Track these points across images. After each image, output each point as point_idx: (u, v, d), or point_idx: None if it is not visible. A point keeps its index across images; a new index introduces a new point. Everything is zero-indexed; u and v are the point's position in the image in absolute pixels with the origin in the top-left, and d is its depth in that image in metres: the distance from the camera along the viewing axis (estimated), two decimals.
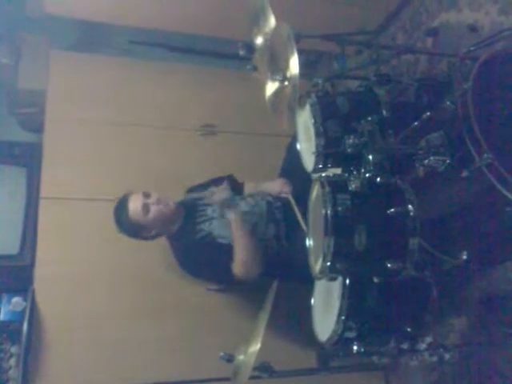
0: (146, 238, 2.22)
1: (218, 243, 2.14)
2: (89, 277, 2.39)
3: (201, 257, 2.14)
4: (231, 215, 2.10)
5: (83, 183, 2.55)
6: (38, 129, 2.72)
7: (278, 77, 1.73)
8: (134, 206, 2.13)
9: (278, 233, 2.20)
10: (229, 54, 2.96)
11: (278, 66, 1.74)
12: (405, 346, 1.69)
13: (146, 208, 2.13)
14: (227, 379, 1.72)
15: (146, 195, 2.16)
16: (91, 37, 2.95)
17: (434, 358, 1.68)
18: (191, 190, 2.40)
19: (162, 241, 2.30)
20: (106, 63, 2.89)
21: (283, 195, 2.27)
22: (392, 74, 2.39)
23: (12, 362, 2.15)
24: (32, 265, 2.37)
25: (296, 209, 2.11)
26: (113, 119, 2.72)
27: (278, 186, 2.33)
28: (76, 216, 2.47)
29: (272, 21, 1.86)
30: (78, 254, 2.42)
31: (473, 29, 2.20)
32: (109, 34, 3.02)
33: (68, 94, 2.68)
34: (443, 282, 1.80)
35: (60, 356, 2.24)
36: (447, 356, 1.67)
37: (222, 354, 1.66)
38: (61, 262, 2.37)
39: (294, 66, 1.63)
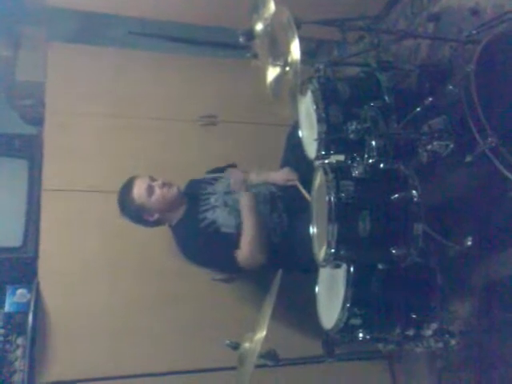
0: (147, 223, 2.22)
1: (222, 232, 2.14)
2: (92, 268, 2.39)
3: (205, 245, 2.14)
4: (244, 196, 2.12)
5: (85, 175, 2.54)
6: (39, 121, 2.71)
7: (279, 62, 1.72)
8: (139, 187, 2.15)
9: (281, 222, 2.20)
10: (228, 43, 2.94)
11: (278, 52, 1.73)
12: (410, 332, 1.69)
13: (150, 189, 2.14)
14: (233, 368, 1.72)
15: (152, 179, 2.18)
16: (90, 28, 2.92)
17: (440, 344, 1.68)
18: (192, 182, 2.39)
19: (166, 232, 2.30)
20: (106, 54, 2.87)
21: (290, 183, 2.27)
22: (393, 60, 2.39)
23: (18, 353, 2.17)
24: (36, 257, 2.37)
25: (306, 193, 2.11)
26: (113, 111, 2.71)
27: (283, 175, 2.32)
28: (78, 208, 2.46)
29: (272, 6, 1.84)
30: (81, 245, 2.41)
31: (474, 12, 2.18)
32: (108, 25, 2.99)
33: (67, 85, 2.67)
34: (448, 269, 1.79)
35: (65, 346, 2.24)
36: (453, 342, 1.67)
37: (227, 341, 1.66)
38: (64, 254, 2.38)
39: (295, 50, 1.61)
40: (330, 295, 1.80)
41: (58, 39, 2.83)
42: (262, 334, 1.53)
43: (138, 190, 2.15)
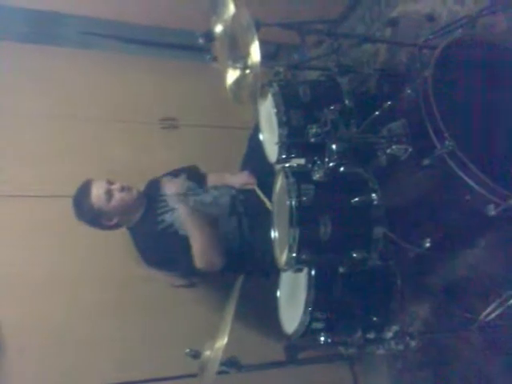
0: (105, 227, 2.17)
1: (180, 235, 2.11)
2: (48, 277, 2.31)
3: (163, 248, 2.12)
4: (180, 208, 2.08)
5: (37, 180, 2.45)
6: None
7: (238, 65, 1.70)
8: (97, 191, 2.11)
9: (241, 225, 2.19)
10: (187, 45, 2.90)
11: (238, 54, 1.71)
12: (371, 335, 1.69)
13: (109, 194, 2.10)
14: (195, 375, 1.68)
15: (110, 182, 2.14)
16: (41, 27, 2.82)
17: (401, 347, 1.69)
18: (151, 183, 2.36)
19: (125, 237, 2.25)
20: (58, 54, 2.79)
21: (248, 187, 2.25)
22: (353, 64, 2.41)
23: None
24: None
25: (264, 198, 2.10)
26: (67, 112, 2.63)
27: (242, 179, 2.31)
28: (30, 214, 2.38)
29: (231, 8, 1.82)
30: (36, 253, 2.33)
31: (430, 18, 2.23)
32: (61, 25, 2.90)
33: (19, 86, 2.58)
34: (407, 270, 1.81)
35: (20, 361, 2.15)
36: (413, 343, 1.68)
37: (187, 350, 1.63)
38: (16, 263, 2.28)
39: (254, 53, 1.60)
40: (292, 300, 1.79)
41: (7, 38, 2.72)
42: (223, 341, 1.51)
43: (97, 195, 2.10)
